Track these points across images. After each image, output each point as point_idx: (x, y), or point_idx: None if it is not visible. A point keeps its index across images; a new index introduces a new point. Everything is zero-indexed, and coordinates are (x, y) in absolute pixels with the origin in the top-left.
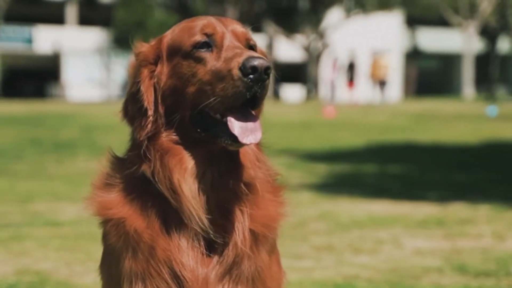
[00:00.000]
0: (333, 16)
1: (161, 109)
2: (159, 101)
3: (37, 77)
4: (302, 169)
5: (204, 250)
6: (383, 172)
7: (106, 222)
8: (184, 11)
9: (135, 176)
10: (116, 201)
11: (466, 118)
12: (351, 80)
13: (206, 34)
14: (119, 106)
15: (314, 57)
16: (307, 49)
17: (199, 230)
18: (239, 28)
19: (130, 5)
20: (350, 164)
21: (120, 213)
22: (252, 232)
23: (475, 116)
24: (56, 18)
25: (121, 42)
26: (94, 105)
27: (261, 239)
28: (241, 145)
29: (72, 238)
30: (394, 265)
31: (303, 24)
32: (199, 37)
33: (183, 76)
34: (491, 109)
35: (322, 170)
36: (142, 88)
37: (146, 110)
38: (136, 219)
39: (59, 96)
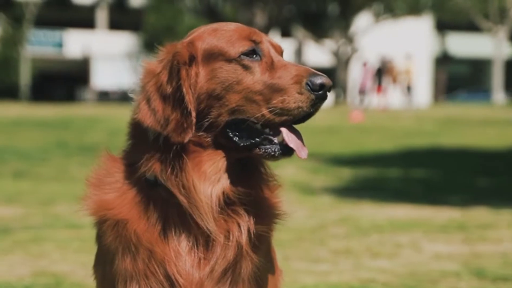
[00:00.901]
0: (362, 21)
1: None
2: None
3: (67, 81)
4: (326, 173)
5: (202, 254)
6: (407, 176)
7: (103, 222)
8: (213, 16)
9: (139, 177)
10: (115, 201)
11: (495, 123)
12: (379, 85)
13: (254, 42)
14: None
15: (343, 62)
16: (336, 54)
17: (207, 232)
18: (274, 39)
19: (160, 9)
20: (375, 168)
21: (121, 214)
22: (253, 232)
23: (504, 121)
24: (86, 22)
25: (151, 47)
26: (122, 109)
27: (260, 239)
28: (289, 157)
29: (91, 240)
30: (412, 269)
31: (332, 29)
32: (248, 44)
33: (225, 82)
34: None
35: (346, 174)
36: (185, 89)
37: (189, 111)
38: (136, 221)
39: (88, 100)
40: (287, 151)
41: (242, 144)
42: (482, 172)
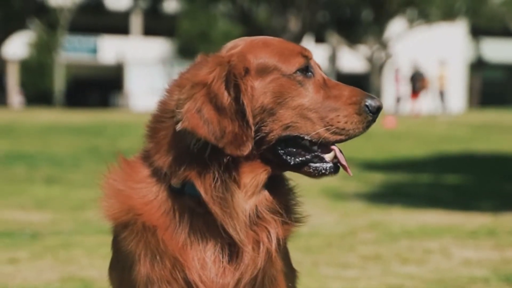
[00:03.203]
0: (396, 27)
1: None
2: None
3: (101, 87)
4: (358, 179)
5: (227, 264)
6: (439, 182)
7: (125, 227)
8: (248, 22)
9: (165, 184)
10: (144, 207)
11: None
12: (414, 91)
13: (307, 58)
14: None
15: (377, 67)
16: (370, 59)
17: (238, 243)
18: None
19: (194, 15)
20: (407, 174)
21: (150, 221)
22: (281, 239)
23: None
24: (120, 28)
25: (185, 52)
26: None
27: (285, 243)
28: (336, 175)
29: None
30: (441, 275)
31: (366, 35)
32: (302, 60)
33: (279, 97)
34: None
35: (378, 179)
36: (245, 101)
37: (250, 125)
38: (164, 229)
39: (122, 106)
40: (337, 169)
41: (292, 162)
42: None
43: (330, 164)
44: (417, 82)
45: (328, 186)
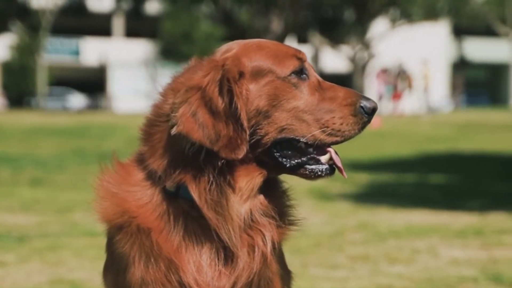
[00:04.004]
0: (379, 27)
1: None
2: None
3: (84, 88)
4: (344, 179)
5: (223, 267)
6: (425, 181)
7: (119, 229)
8: (230, 23)
9: (160, 187)
10: (139, 209)
11: None
12: (395, 91)
13: (301, 60)
14: None
15: (359, 67)
16: (352, 59)
17: (231, 247)
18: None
19: (176, 16)
20: (393, 173)
21: (145, 223)
22: (276, 242)
23: None
24: (103, 30)
25: (168, 54)
26: (140, 117)
27: (280, 246)
28: (331, 176)
29: None
30: (429, 274)
31: (348, 35)
32: (296, 63)
33: (274, 99)
34: None
35: (364, 179)
36: (239, 105)
37: (244, 128)
38: (159, 231)
39: (105, 108)
40: (332, 171)
41: (288, 164)
42: (500, 177)
43: (326, 166)
44: (402, 82)
45: (315, 187)
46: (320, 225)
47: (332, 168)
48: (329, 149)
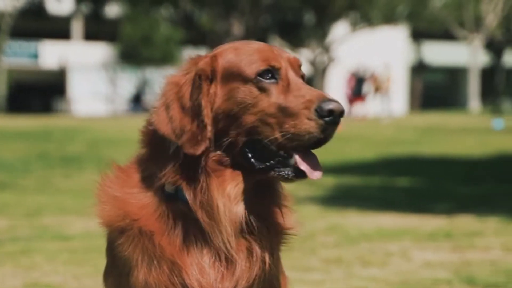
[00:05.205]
0: (339, 30)
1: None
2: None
3: (43, 92)
4: (309, 182)
5: (225, 269)
6: (390, 185)
7: (121, 232)
8: (190, 26)
9: (159, 189)
10: (140, 212)
11: (473, 131)
12: (358, 95)
13: (271, 64)
14: (126, 120)
15: (320, 71)
16: (312, 63)
17: (225, 251)
18: (294, 57)
19: (136, 19)
20: (358, 177)
21: (147, 226)
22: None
23: (481, 129)
24: (62, 33)
25: (127, 57)
26: (101, 120)
27: (277, 250)
28: (303, 179)
29: (80, 252)
30: (404, 277)
31: (308, 38)
32: (264, 66)
33: (242, 102)
34: (498, 122)
35: (329, 183)
36: (203, 103)
37: (205, 125)
38: (161, 234)
39: (65, 111)
40: (300, 173)
41: (258, 167)
42: (464, 180)
43: (290, 170)
44: (365, 85)
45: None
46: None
47: (298, 171)
48: (295, 152)
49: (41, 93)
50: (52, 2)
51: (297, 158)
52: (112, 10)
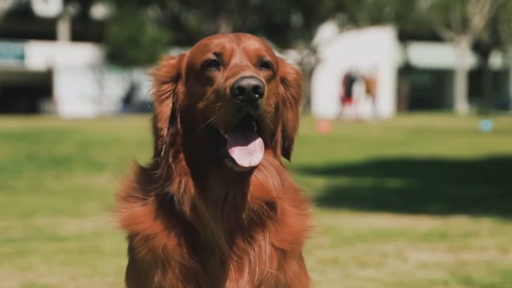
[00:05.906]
0: (326, 32)
1: (180, 129)
2: (178, 120)
3: (30, 93)
4: (301, 184)
5: (233, 271)
6: (382, 186)
7: (133, 236)
8: (177, 27)
9: (163, 193)
10: (145, 215)
11: (461, 133)
12: (349, 96)
13: (215, 53)
14: (114, 121)
15: (307, 72)
16: (300, 64)
17: (218, 252)
18: (252, 44)
19: (122, 21)
20: (349, 178)
21: (150, 229)
22: (281, 250)
23: (469, 130)
24: (48, 34)
25: (114, 58)
26: (88, 121)
27: (290, 254)
28: (242, 168)
29: (76, 253)
30: (400, 278)
31: (296, 40)
32: (208, 56)
33: (195, 94)
34: (485, 124)
35: (320, 184)
36: (157, 107)
37: (160, 130)
38: (165, 236)
39: (52, 112)
40: (234, 161)
41: (217, 155)
42: (456, 181)
43: (229, 158)
44: (356, 86)
45: None
46: None
47: (232, 159)
48: (228, 138)
49: (27, 94)
50: (39, 3)
51: (228, 145)
52: (99, 11)
